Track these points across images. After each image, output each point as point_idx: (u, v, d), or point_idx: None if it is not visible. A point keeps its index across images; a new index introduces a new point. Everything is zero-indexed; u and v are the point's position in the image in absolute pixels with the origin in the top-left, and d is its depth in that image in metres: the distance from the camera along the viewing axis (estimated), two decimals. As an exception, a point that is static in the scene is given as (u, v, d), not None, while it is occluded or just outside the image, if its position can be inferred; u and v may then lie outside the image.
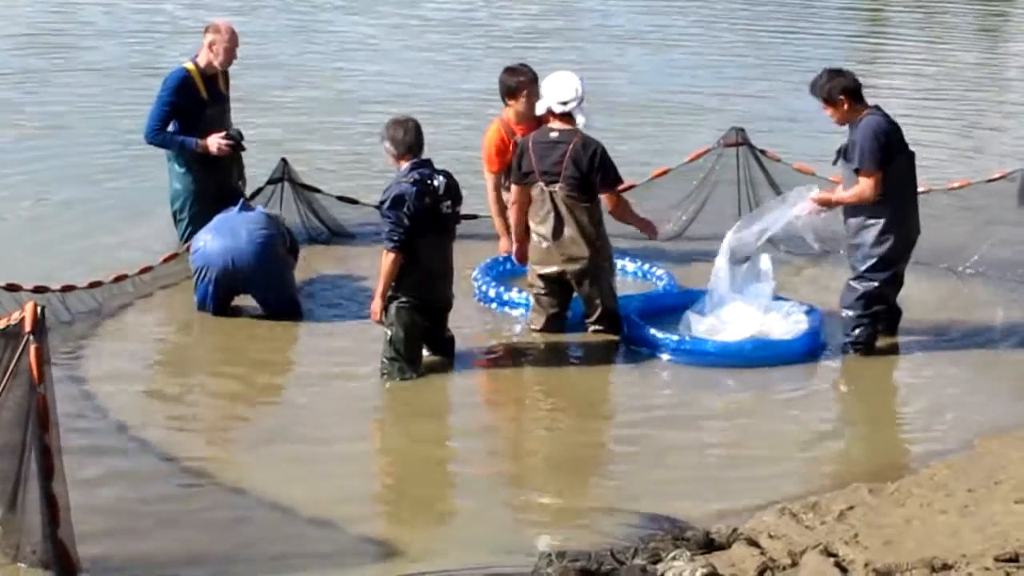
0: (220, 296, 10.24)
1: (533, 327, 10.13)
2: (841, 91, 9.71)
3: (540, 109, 10.11)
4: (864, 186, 9.61)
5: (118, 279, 10.37)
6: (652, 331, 9.84)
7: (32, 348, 6.44)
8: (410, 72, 18.76)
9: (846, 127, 9.79)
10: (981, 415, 9.09)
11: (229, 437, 8.77)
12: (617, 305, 10.10)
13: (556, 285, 10.01)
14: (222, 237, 10.23)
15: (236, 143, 11.18)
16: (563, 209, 9.82)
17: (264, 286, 10.28)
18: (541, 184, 9.87)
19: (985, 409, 9.22)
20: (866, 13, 25.42)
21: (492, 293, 10.57)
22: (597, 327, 10.06)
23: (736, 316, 9.90)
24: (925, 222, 10.10)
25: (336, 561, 7.04)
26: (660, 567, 6.61)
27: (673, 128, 15.98)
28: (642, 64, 19.69)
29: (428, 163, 9.39)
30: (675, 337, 9.79)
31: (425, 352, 9.52)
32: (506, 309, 10.50)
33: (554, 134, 9.95)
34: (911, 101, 17.96)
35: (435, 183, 9.30)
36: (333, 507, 7.54)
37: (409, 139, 9.34)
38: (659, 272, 11.11)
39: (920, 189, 10.03)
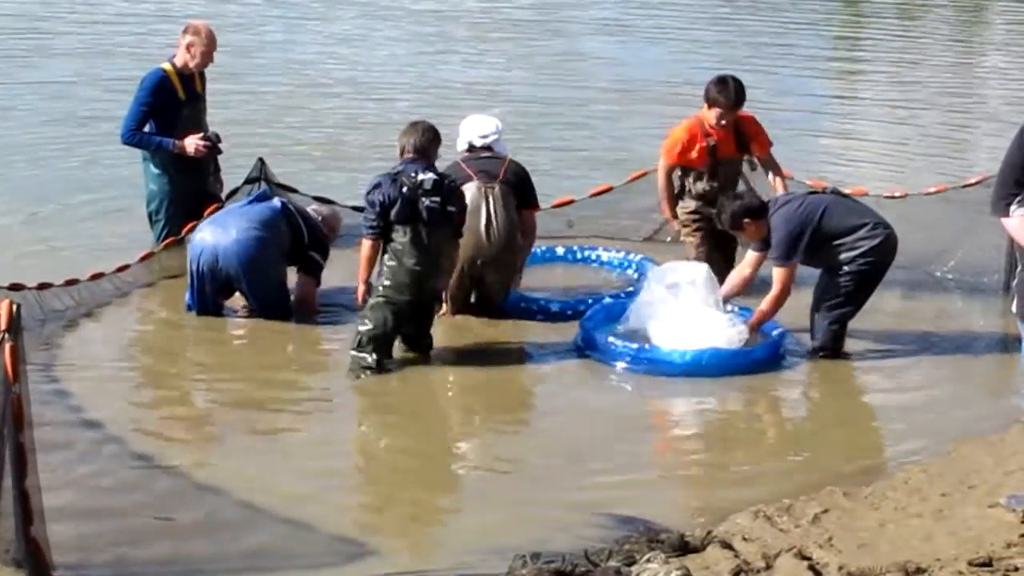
0: (207, 291, 10.17)
1: (444, 314, 10.22)
2: (743, 214, 9.77)
3: (461, 145, 10.47)
4: (780, 282, 9.68)
5: (94, 277, 10.33)
6: (606, 338, 9.79)
7: (7, 346, 6.39)
8: (395, 64, 18.77)
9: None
10: (955, 419, 9.10)
11: (201, 437, 8.74)
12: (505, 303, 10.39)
13: (473, 276, 10.23)
14: (214, 231, 10.20)
15: (213, 145, 11.16)
16: (497, 206, 10.13)
17: (249, 285, 10.22)
18: (478, 183, 10.10)
19: (959, 413, 9.23)
20: (846, 13, 25.53)
21: None
22: None
23: (683, 323, 9.80)
24: (903, 226, 10.11)
25: (308, 562, 7.02)
26: (634, 569, 6.60)
27: (652, 118, 16.00)
28: (625, 55, 19.74)
29: (422, 161, 9.43)
30: (620, 343, 9.70)
31: (401, 349, 9.54)
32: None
33: (485, 154, 10.38)
34: (889, 104, 18.06)
35: (418, 176, 9.31)
36: (306, 508, 7.52)
37: (408, 140, 9.51)
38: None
39: (897, 194, 9.98)
